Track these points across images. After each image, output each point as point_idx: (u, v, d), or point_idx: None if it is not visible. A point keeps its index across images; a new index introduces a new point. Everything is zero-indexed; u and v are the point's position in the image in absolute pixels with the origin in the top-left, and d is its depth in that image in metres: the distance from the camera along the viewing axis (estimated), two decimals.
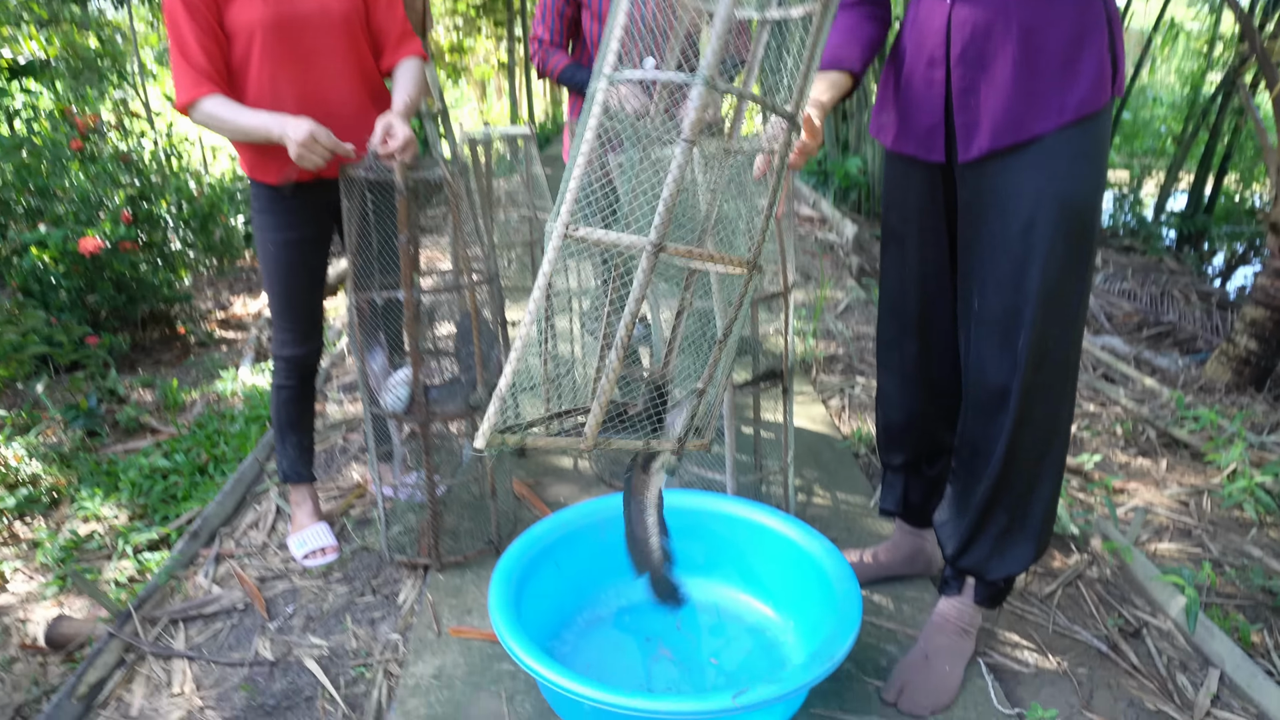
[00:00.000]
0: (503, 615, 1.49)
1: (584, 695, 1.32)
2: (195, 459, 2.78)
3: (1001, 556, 1.59)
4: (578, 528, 1.81)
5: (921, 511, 1.87)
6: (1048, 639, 1.79)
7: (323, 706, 1.65)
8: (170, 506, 2.51)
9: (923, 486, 1.84)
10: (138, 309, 4.09)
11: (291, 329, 2.03)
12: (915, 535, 1.91)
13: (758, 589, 1.84)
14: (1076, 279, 1.45)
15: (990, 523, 1.58)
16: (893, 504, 1.88)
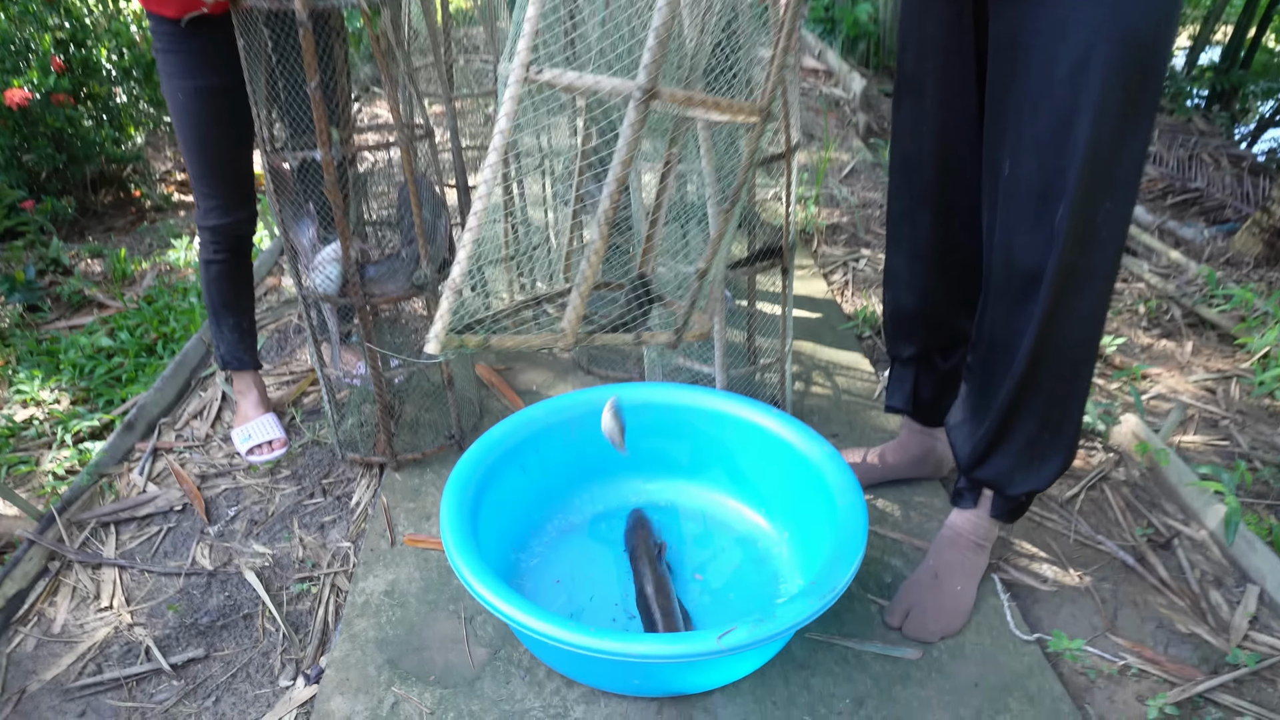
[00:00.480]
0: (454, 534, 1.29)
1: (545, 634, 1.14)
2: (142, 338, 2.55)
3: (1026, 469, 1.38)
4: (545, 426, 1.59)
5: (933, 409, 1.65)
6: (1068, 550, 1.62)
7: (262, 626, 1.49)
8: (115, 390, 2.30)
9: (935, 382, 1.62)
10: (82, 170, 3.75)
11: (214, 194, 1.75)
12: (925, 435, 1.70)
13: (748, 495, 1.65)
14: (1133, 138, 1.17)
15: (1014, 430, 1.36)
16: (900, 401, 1.66)
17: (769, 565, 1.53)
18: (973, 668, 1.35)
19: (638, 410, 1.63)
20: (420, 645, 1.40)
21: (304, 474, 1.86)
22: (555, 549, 1.57)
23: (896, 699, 1.30)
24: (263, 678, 1.39)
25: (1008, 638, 1.40)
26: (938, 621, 1.40)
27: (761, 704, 1.29)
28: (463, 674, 1.35)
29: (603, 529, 1.62)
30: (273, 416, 1.98)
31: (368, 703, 1.30)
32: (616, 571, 1.52)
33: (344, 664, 1.36)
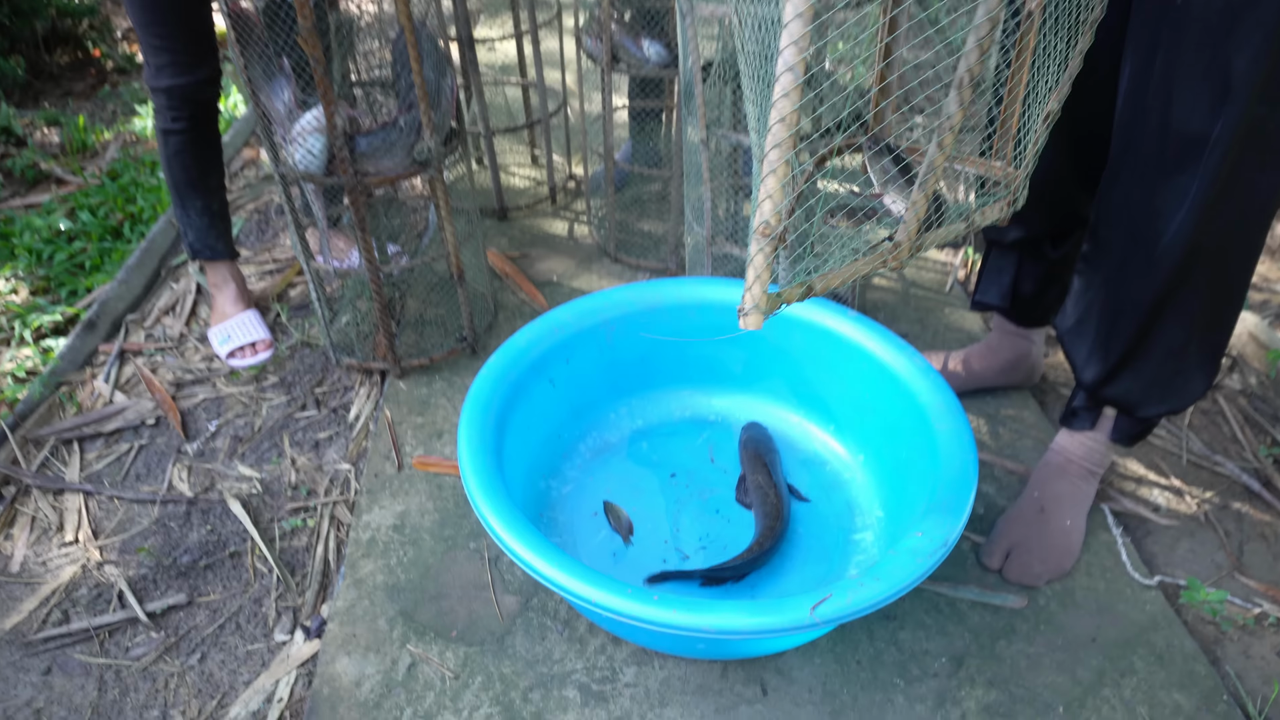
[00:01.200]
0: (476, 472, 1.06)
1: (597, 602, 0.92)
2: (106, 219, 2.26)
3: (1164, 386, 1.14)
4: (576, 332, 1.34)
5: (1033, 307, 1.40)
6: (1182, 473, 1.40)
7: (252, 566, 1.28)
8: (78, 280, 2.03)
9: (1040, 274, 1.36)
10: (30, 24, 3.33)
11: (165, 47, 1.43)
12: (1020, 337, 1.46)
13: (815, 410, 1.41)
14: None
15: (1155, 339, 1.11)
16: (996, 296, 1.40)
17: (841, 493, 1.31)
18: (1088, 619, 1.15)
19: (682, 312, 1.37)
20: (438, 592, 1.19)
21: (294, 381, 1.62)
22: (591, 474, 1.35)
23: (1000, 657, 1.11)
24: (255, 630, 1.19)
25: (1125, 582, 1.20)
26: (1044, 563, 1.19)
27: (843, 664, 1.10)
28: (489, 628, 1.15)
29: (644, 449, 1.39)
30: (254, 313, 1.72)
31: (379, 664, 1.10)
32: (664, 500, 1.30)
33: (349, 616, 1.16)
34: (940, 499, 1.04)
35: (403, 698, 1.07)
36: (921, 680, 1.08)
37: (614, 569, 1.20)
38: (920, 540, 0.99)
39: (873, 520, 1.26)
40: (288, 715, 1.08)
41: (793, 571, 1.19)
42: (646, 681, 1.08)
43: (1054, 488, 1.24)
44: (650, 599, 0.92)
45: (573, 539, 1.24)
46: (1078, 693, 1.07)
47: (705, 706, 1.05)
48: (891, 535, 1.19)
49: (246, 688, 1.12)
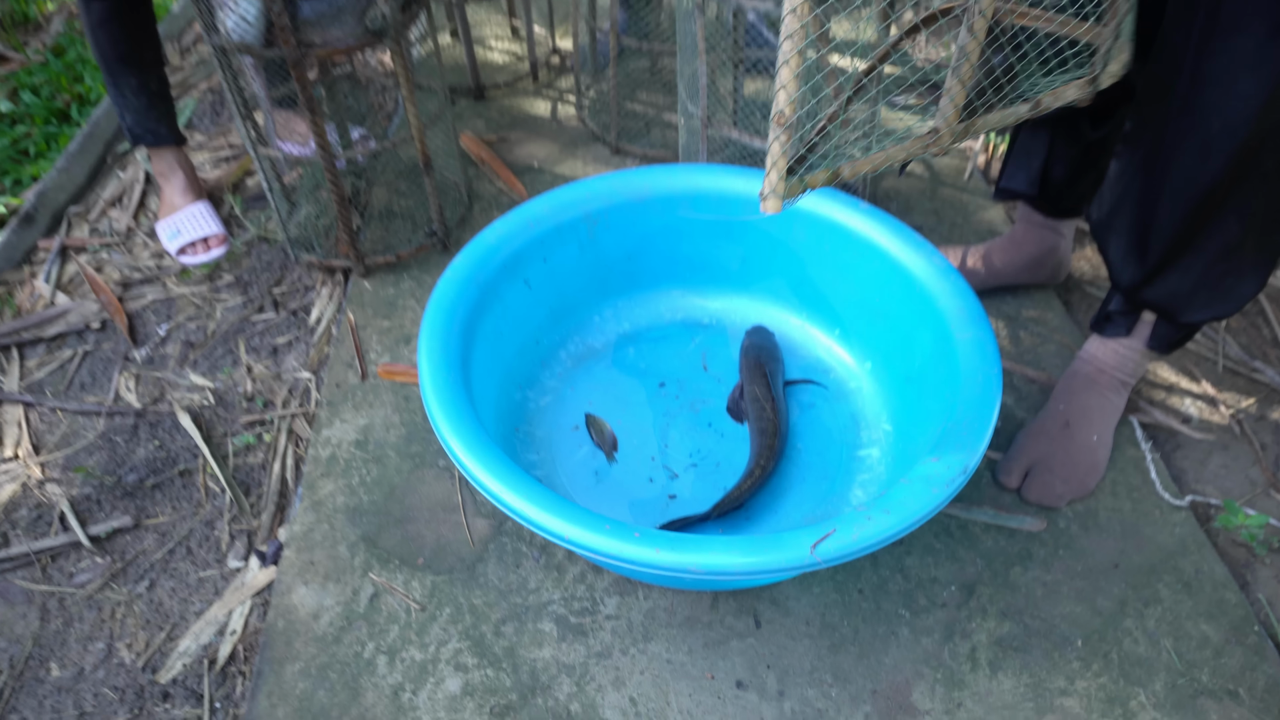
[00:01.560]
0: (436, 388, 0.94)
1: (564, 537, 0.82)
2: (51, 100, 2.07)
3: (1213, 289, 1.01)
4: (554, 226, 1.19)
5: (1064, 195, 1.25)
6: (1216, 379, 1.28)
7: (204, 485, 1.18)
8: (21, 167, 1.86)
9: (1075, 157, 1.21)
10: None
11: None
12: (1047, 229, 1.31)
13: (818, 313, 1.28)
14: None
15: (1207, 234, 0.97)
16: (1024, 181, 1.26)
17: (845, 404, 1.20)
18: (1111, 543, 1.06)
19: (675, 203, 1.23)
20: (404, 515, 1.09)
21: (250, 281, 1.48)
22: (571, 383, 1.23)
23: (1015, 585, 1.02)
24: (207, 555, 1.10)
25: (1153, 502, 1.10)
26: (1067, 482, 1.09)
27: (844, 593, 1.01)
28: (459, 555, 1.05)
29: (630, 355, 1.27)
30: (206, 205, 1.57)
31: (340, 594, 1.01)
32: (651, 412, 1.19)
33: (307, 541, 1.07)
34: (958, 419, 0.93)
35: (364, 631, 0.98)
36: (929, 611, 0.99)
37: (595, 490, 1.10)
38: (935, 466, 0.88)
39: (879, 435, 1.15)
40: (241, 649, 1.00)
41: (790, 491, 1.09)
42: (629, 613, 0.99)
43: (1081, 400, 1.13)
44: (631, 536, 0.82)
45: (551, 456, 1.14)
46: (1097, 624, 0.98)
47: (693, 640, 0.97)
48: (900, 454, 1.08)
49: (198, 618, 1.04)
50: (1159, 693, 0.93)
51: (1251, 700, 0.92)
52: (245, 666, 0.99)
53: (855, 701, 0.92)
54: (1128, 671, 0.94)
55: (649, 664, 0.95)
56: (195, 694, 0.97)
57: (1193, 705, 0.92)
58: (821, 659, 0.95)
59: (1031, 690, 0.93)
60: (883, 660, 0.95)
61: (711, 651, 0.96)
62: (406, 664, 0.95)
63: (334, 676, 0.94)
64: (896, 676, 0.94)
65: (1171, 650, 0.96)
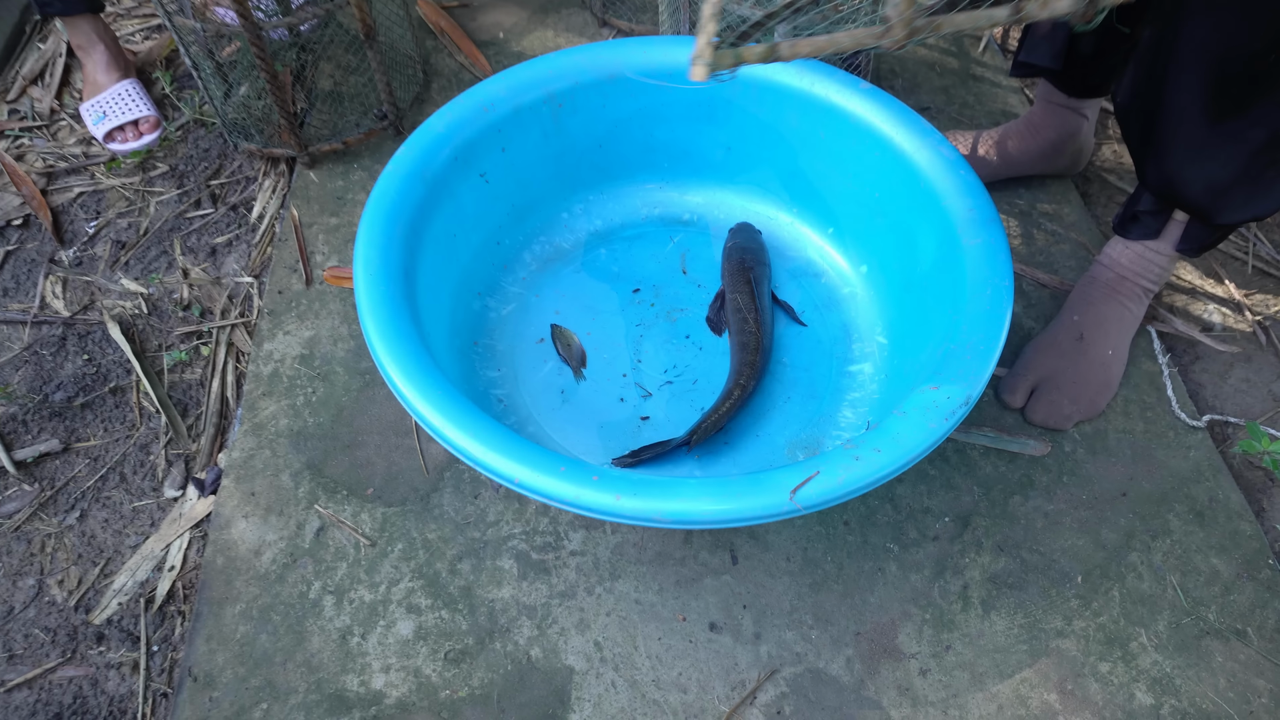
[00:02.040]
0: (373, 307, 0.83)
1: (514, 480, 0.73)
2: None
3: (1253, 184, 0.89)
4: (513, 109, 1.05)
5: (1092, 70, 1.10)
6: (1245, 281, 1.17)
7: (137, 404, 1.08)
8: None
9: (1105, 25, 1.05)
10: None
11: None
12: (1069, 111, 1.17)
13: (810, 208, 1.16)
14: None
15: (1250, 119, 0.84)
16: (1047, 54, 1.10)
17: (837, 313, 1.09)
18: (1119, 469, 0.97)
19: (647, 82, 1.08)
20: (352, 440, 1.00)
21: (186, 171, 1.34)
22: (537, 289, 1.12)
23: (1014, 516, 0.94)
24: (142, 482, 1.02)
25: (1167, 422, 1.01)
26: (1076, 401, 1.00)
27: (829, 525, 0.93)
28: (412, 484, 0.97)
29: (602, 257, 1.15)
30: (133, 84, 1.40)
31: (283, 528, 0.94)
32: (624, 322, 1.09)
33: (247, 469, 0.98)
34: (961, 340, 0.82)
35: (310, 570, 0.91)
36: (919, 545, 0.92)
37: (561, 411, 1.00)
38: (934, 396, 0.78)
39: (873, 348, 1.05)
40: (180, 586, 0.93)
41: (774, 411, 1.00)
42: (596, 549, 0.92)
43: (1099, 310, 1.02)
44: (589, 480, 0.73)
45: (513, 372, 1.04)
46: (1100, 559, 0.91)
47: (664, 578, 0.90)
48: (895, 371, 0.99)
49: (133, 552, 0.96)
50: (1161, 633, 0.86)
51: (1260, 640, 0.86)
52: (185, 606, 0.92)
53: (837, 644, 0.86)
54: (1129, 610, 0.88)
55: (616, 604, 0.88)
56: (131, 636, 0.90)
57: (1196, 646, 0.86)
58: (802, 598, 0.89)
59: (1026, 631, 0.87)
60: (868, 599, 0.89)
61: (684, 590, 0.89)
62: (355, 605, 0.89)
63: (277, 619, 0.88)
64: (882, 617, 0.88)
65: (1178, 587, 0.89)
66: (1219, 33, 0.81)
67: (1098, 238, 1.18)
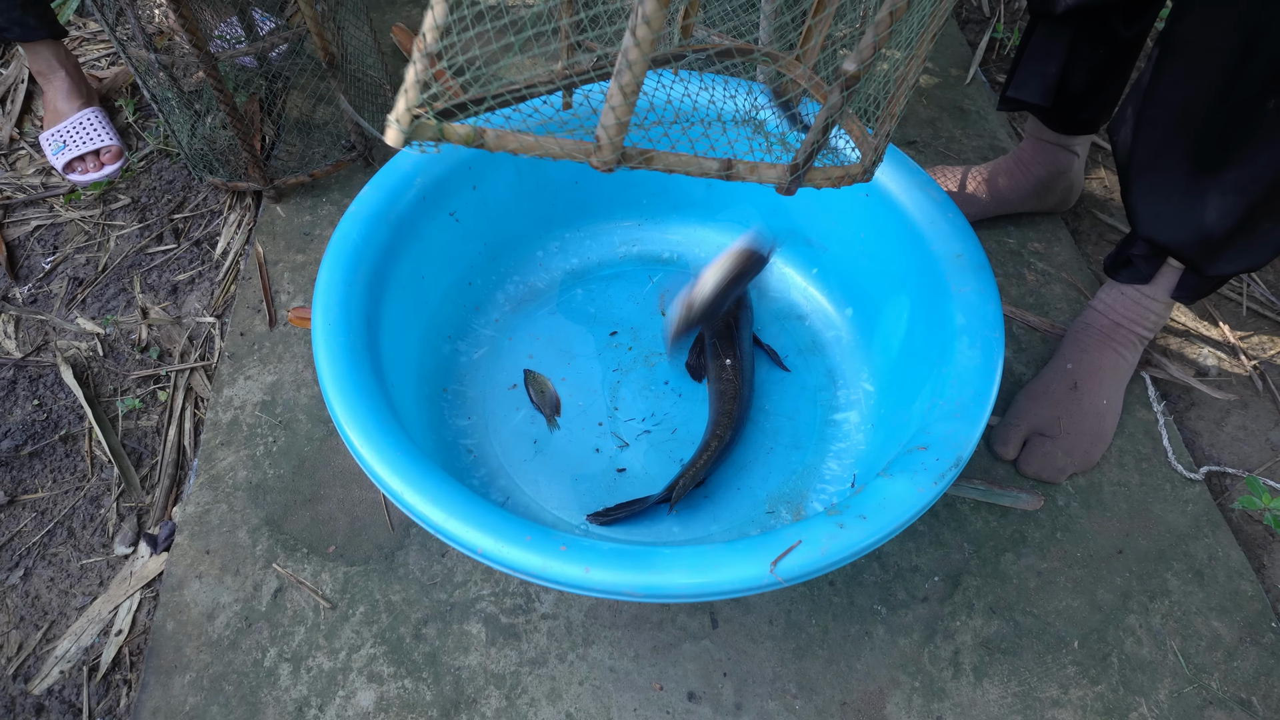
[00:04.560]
0: (330, 357, 0.79)
1: (475, 549, 0.69)
2: None
3: (1250, 235, 0.85)
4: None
5: (1083, 105, 1.07)
6: (1239, 323, 1.14)
7: (89, 453, 1.03)
8: None
9: (1101, 59, 1.02)
10: None
11: None
12: (1058, 148, 1.14)
13: (793, 247, 1.12)
14: None
15: (1249, 172, 0.81)
16: (1037, 90, 1.06)
17: (821, 358, 1.05)
18: (1115, 524, 0.94)
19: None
20: (314, 494, 0.96)
21: (149, 204, 1.29)
22: (510, 332, 1.07)
23: (1006, 575, 0.90)
24: (92, 538, 0.97)
25: (1164, 475, 0.97)
26: (1070, 454, 0.96)
27: (814, 586, 0.89)
28: (377, 541, 0.92)
29: (579, 298, 1.11)
30: (96, 113, 1.36)
31: (239, 589, 0.89)
32: (601, 367, 1.04)
33: (202, 525, 0.93)
34: (950, 395, 0.79)
35: (265, 635, 0.86)
36: (908, 606, 0.88)
37: (534, 462, 0.96)
38: (922, 458, 0.74)
39: (859, 395, 1.01)
40: (127, 653, 0.88)
41: (755, 463, 0.96)
42: (568, 612, 0.87)
43: (1093, 358, 0.98)
44: (557, 550, 0.68)
45: (484, 421, 0.99)
46: (1096, 621, 0.87)
47: (640, 643, 0.85)
48: (882, 421, 0.95)
49: (79, 615, 0.91)
50: (1163, 703, 0.82)
51: (1266, 710, 0.82)
52: (132, 674, 0.87)
53: (822, 714, 0.81)
54: (1129, 678, 0.84)
55: (589, 672, 0.83)
56: (73, 708, 0.85)
57: (1200, 717, 0.82)
58: (785, 665, 0.84)
59: (1020, 700, 0.82)
60: (854, 665, 0.84)
61: (661, 657, 0.85)
62: (313, 674, 0.83)
63: (229, 689, 0.83)
64: (869, 685, 0.83)
65: (1178, 652, 0.85)
66: (1201, 79, 0.78)
67: (1089, 278, 1.15)
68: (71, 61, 1.37)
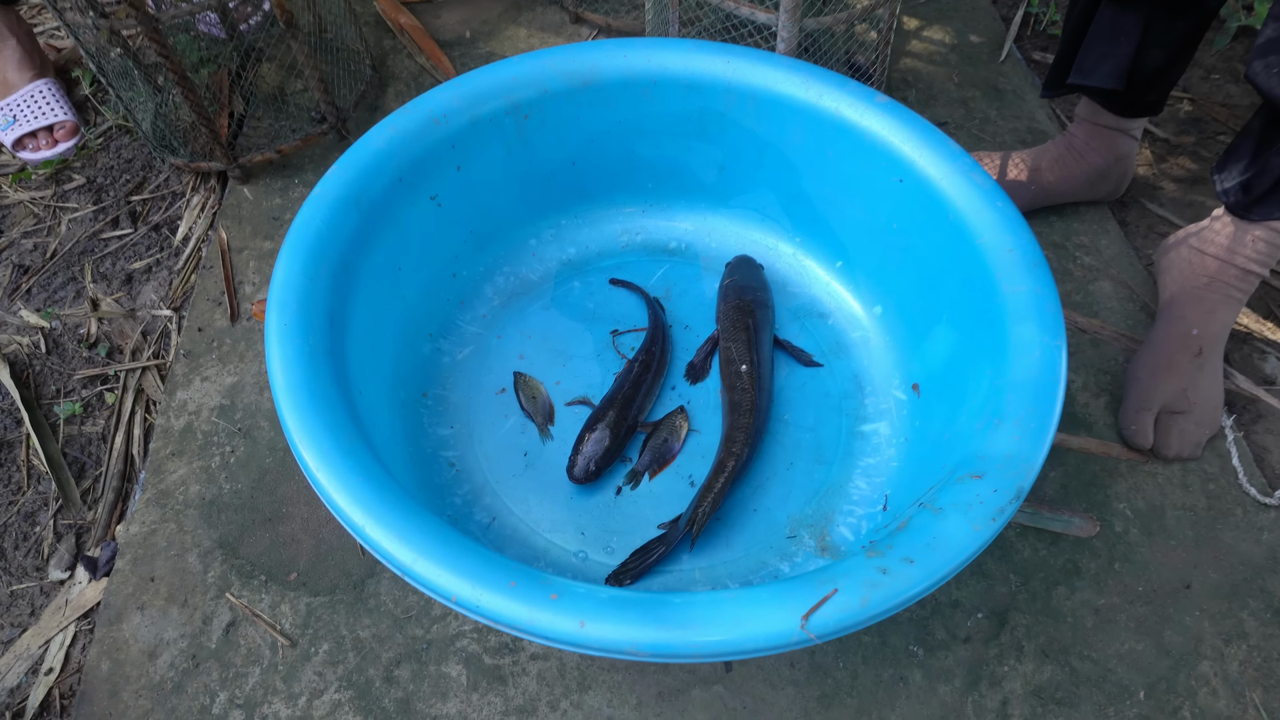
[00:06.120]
0: (283, 362, 0.68)
1: (450, 597, 0.58)
2: None
3: None
4: (469, 121, 0.90)
5: (1154, 85, 0.96)
6: None
7: (26, 463, 0.92)
8: None
9: (1176, 34, 0.90)
10: None
11: None
12: (1118, 133, 1.02)
13: (817, 238, 1.01)
14: None
15: None
16: (1109, 74, 0.92)
17: (846, 360, 0.94)
18: (1180, 554, 0.83)
19: (630, 90, 0.93)
20: (275, 512, 0.85)
21: (105, 184, 1.18)
22: (499, 328, 0.96)
23: (1059, 612, 0.79)
24: (24, 560, 0.86)
25: (1234, 498, 0.86)
26: (1203, 424, 0.88)
27: None
28: (344, 567, 0.81)
29: (575, 291, 1.00)
30: (49, 84, 1.24)
31: (186, 623, 0.78)
32: (600, 370, 0.93)
33: (147, 548, 0.82)
34: (1006, 412, 0.68)
35: (214, 677, 0.75)
36: (948, 648, 0.77)
37: (523, 478, 0.85)
38: (977, 488, 0.63)
39: (890, 404, 0.90)
40: (58, 695, 0.77)
41: (773, 481, 0.85)
42: (561, 653, 0.76)
43: (1221, 318, 0.88)
44: (546, 599, 0.57)
45: (468, 430, 0.88)
46: (1164, 668, 0.76)
47: (643, 689, 0.75)
48: (918, 436, 0.84)
49: (6, 649, 0.80)
50: None
51: None
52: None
53: None
54: None
55: None
56: None
57: None
58: (809, 716, 0.73)
59: None
60: (887, 717, 0.73)
61: (667, 705, 0.74)
62: None
63: None
64: None
65: (1260, 706, 0.74)
66: None
67: (1138, 272, 1.04)
68: (24, 29, 1.26)
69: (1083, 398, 0.93)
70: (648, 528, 0.80)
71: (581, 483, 0.82)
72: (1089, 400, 0.93)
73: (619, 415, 0.84)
